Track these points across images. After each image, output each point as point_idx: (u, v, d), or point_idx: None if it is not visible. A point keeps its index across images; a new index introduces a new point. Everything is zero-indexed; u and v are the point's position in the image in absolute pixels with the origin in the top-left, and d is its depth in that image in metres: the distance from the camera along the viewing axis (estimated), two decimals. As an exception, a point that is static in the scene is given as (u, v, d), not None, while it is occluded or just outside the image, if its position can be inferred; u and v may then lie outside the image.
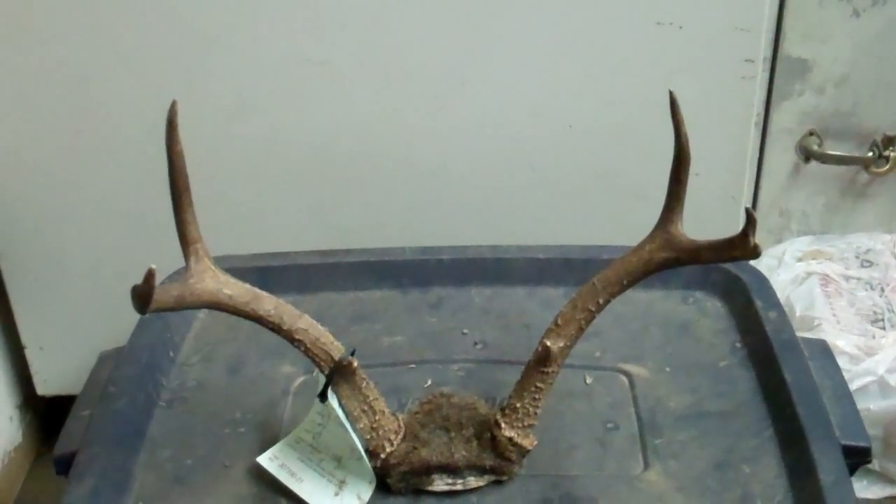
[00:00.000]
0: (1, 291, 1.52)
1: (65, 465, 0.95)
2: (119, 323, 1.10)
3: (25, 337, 1.55)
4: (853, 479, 0.92)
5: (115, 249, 1.46)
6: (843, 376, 1.04)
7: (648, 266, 0.87)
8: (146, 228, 1.42)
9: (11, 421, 1.59)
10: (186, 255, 0.86)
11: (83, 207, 1.45)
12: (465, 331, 1.14)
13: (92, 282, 1.48)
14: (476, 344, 1.12)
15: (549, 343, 0.89)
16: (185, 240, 0.86)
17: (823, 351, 1.08)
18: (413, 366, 1.09)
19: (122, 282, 0.81)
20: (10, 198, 1.44)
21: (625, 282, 0.88)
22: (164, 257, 0.87)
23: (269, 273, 1.18)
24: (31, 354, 1.56)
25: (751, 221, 0.79)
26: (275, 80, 1.36)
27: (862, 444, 0.96)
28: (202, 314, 1.16)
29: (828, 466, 0.90)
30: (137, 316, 1.09)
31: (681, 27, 1.32)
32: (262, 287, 0.89)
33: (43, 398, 1.61)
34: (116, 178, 1.43)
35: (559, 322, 0.89)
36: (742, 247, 0.80)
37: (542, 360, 0.89)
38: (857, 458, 0.95)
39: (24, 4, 1.31)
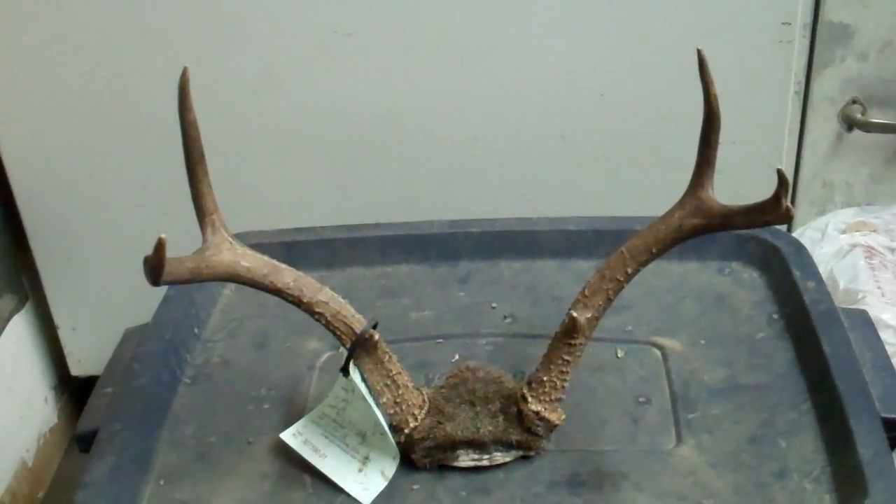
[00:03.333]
0: (33, 273, 1.52)
1: (87, 443, 0.95)
2: (151, 303, 1.09)
3: (58, 318, 1.56)
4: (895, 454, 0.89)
5: (145, 229, 1.43)
6: (884, 347, 1.01)
7: (678, 233, 0.84)
8: (178, 207, 1.41)
9: (47, 402, 1.60)
10: (202, 227, 0.84)
11: (114, 188, 1.45)
12: (494, 305, 1.12)
13: (123, 262, 1.45)
14: (505, 318, 1.10)
15: (575, 314, 0.86)
16: (201, 211, 0.84)
17: (864, 321, 1.05)
18: (441, 340, 1.07)
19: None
20: (41, 182, 1.44)
21: (654, 250, 0.85)
22: (196, 237, 0.85)
23: (295, 248, 1.16)
24: (64, 335, 1.57)
25: (783, 183, 0.75)
26: (300, 52, 1.34)
27: (904, 416, 0.93)
28: (228, 290, 1.15)
29: (867, 440, 0.87)
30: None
31: (714, -11, 1.29)
32: (289, 263, 0.87)
33: (77, 379, 1.62)
34: (145, 159, 1.42)
35: (586, 293, 0.87)
36: (774, 210, 0.77)
37: (569, 332, 0.87)
38: (898, 432, 0.92)
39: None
